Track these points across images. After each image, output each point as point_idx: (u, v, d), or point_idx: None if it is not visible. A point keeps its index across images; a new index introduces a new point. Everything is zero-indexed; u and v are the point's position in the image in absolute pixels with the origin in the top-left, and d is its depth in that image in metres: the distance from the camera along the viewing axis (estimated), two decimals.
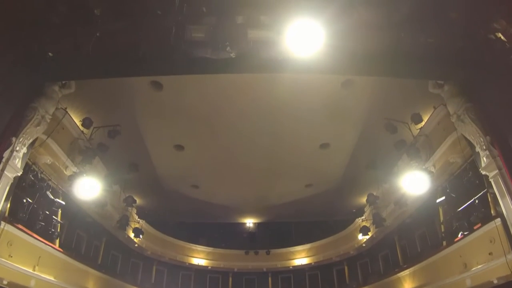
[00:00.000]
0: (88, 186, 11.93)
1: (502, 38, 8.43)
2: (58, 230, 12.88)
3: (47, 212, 12.17)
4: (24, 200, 10.83)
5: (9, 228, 9.51)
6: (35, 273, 10.70)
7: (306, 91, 11.67)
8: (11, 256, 9.61)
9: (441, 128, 11.81)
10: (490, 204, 10.11)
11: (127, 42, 8.41)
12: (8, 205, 9.24)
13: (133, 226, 18.31)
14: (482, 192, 10.39)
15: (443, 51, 8.49)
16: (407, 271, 15.32)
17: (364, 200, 18.24)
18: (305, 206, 21.07)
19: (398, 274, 16.05)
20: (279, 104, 12.33)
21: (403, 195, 14.71)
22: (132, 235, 18.43)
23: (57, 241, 12.98)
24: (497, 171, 8.60)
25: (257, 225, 24.85)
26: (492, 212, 9.95)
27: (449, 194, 11.86)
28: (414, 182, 11.76)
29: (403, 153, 13.65)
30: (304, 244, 23.30)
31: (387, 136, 13.22)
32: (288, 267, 23.18)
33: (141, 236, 18.70)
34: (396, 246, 17.85)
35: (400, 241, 17.77)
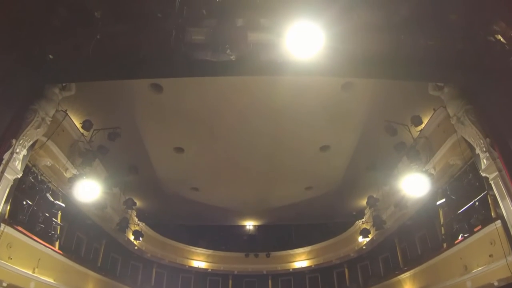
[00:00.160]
0: (88, 188, 11.92)
1: (502, 40, 8.42)
2: (58, 232, 12.94)
3: (47, 214, 12.18)
4: (24, 202, 10.84)
5: (9, 230, 9.50)
6: (35, 275, 10.68)
7: (306, 94, 11.70)
8: (11, 258, 9.60)
9: (441, 130, 11.80)
10: (490, 206, 10.09)
11: (128, 45, 8.41)
12: (8, 207, 9.28)
13: (133, 229, 18.26)
14: (482, 194, 10.37)
15: (443, 53, 8.48)
16: (408, 274, 15.28)
17: (364, 203, 18.24)
18: (305, 209, 21.10)
19: (399, 277, 16.01)
20: (279, 107, 12.36)
21: (403, 197, 14.70)
22: (132, 238, 18.38)
23: (57, 243, 12.96)
24: (497, 173, 8.59)
25: (257, 228, 24.86)
26: (493, 214, 9.93)
27: (449, 196, 11.81)
28: (414, 184, 11.75)
29: (403, 155, 13.63)
30: (304, 247, 23.18)
31: (387, 138, 13.24)
32: (288, 270, 23.07)
33: (141, 239, 18.65)
34: (397, 249, 17.83)
35: (401, 244, 17.76)
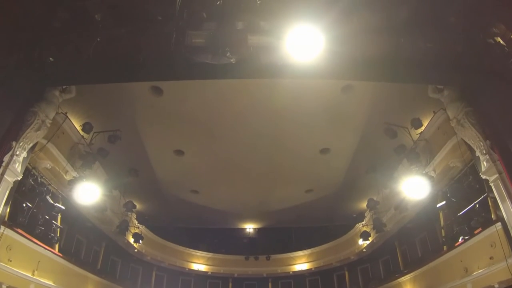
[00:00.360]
0: (88, 191, 11.92)
1: (502, 43, 8.46)
2: (58, 235, 12.92)
3: (47, 217, 12.17)
4: (24, 205, 10.84)
5: (9, 233, 9.50)
6: (35, 278, 10.65)
7: (306, 96, 11.71)
8: (11, 261, 9.58)
9: (441, 133, 11.81)
10: (491, 209, 10.08)
11: (128, 47, 8.44)
12: (8, 210, 9.26)
13: (133, 231, 18.25)
14: (483, 197, 10.37)
15: (443, 56, 8.51)
16: (408, 276, 15.26)
17: (365, 205, 18.22)
18: (305, 211, 21.06)
19: (399, 279, 15.99)
20: (279, 109, 12.36)
21: (403, 200, 14.68)
22: (132, 240, 18.37)
23: (57, 246, 12.93)
24: (497, 175, 8.59)
25: (257, 231, 24.80)
26: (493, 216, 9.92)
27: (450, 199, 11.82)
28: (414, 187, 11.74)
29: (403, 158, 13.63)
30: (305, 250, 23.13)
31: (387, 141, 13.25)
32: (289, 273, 23.00)
33: (141, 241, 18.63)
34: (397, 251, 17.79)
35: (401, 246, 17.72)
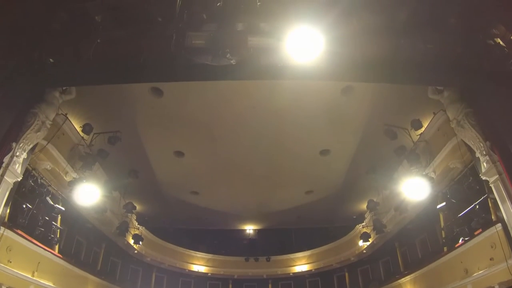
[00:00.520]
0: (88, 192, 11.93)
1: (501, 44, 8.46)
2: (58, 236, 12.91)
3: (47, 218, 12.16)
4: (24, 206, 10.80)
5: (9, 234, 9.50)
6: (34, 279, 10.65)
7: (306, 98, 11.71)
8: (10, 262, 9.59)
9: (441, 134, 11.81)
10: (491, 210, 10.09)
11: (128, 49, 8.43)
12: (8, 211, 9.27)
13: (133, 233, 18.24)
14: (483, 198, 10.36)
15: (443, 57, 8.50)
16: (408, 277, 15.26)
17: (365, 207, 18.21)
18: (306, 213, 21.06)
19: (399, 281, 15.99)
20: (279, 111, 12.37)
21: (404, 201, 14.68)
22: (132, 242, 18.35)
23: (57, 247, 12.94)
24: (498, 176, 8.60)
25: (257, 232, 24.79)
26: (493, 217, 9.92)
27: (450, 200, 11.80)
28: (415, 188, 11.75)
29: (403, 159, 13.64)
30: (305, 251, 23.12)
31: (387, 142, 13.24)
32: (289, 274, 22.98)
33: (141, 243, 18.61)
34: (397, 252, 17.79)
35: (401, 247, 17.71)
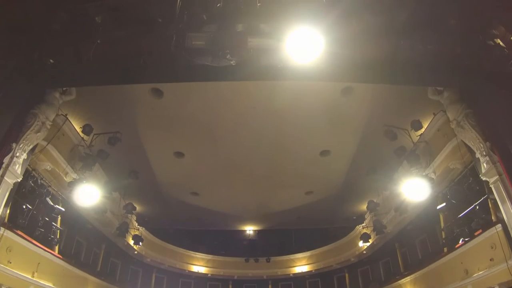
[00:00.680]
0: (88, 193, 11.92)
1: (501, 44, 8.44)
2: (58, 237, 12.92)
3: (47, 219, 12.17)
4: (24, 206, 10.82)
5: (9, 234, 9.51)
6: (34, 280, 10.65)
7: (306, 98, 11.71)
8: (10, 262, 9.59)
9: (441, 135, 11.82)
10: (491, 210, 10.09)
11: (128, 49, 8.42)
12: (8, 211, 9.29)
13: (133, 233, 18.25)
14: (483, 198, 10.37)
15: (442, 58, 8.50)
16: (408, 278, 15.25)
17: (365, 207, 18.22)
18: (306, 213, 21.06)
19: (399, 281, 15.98)
20: (280, 111, 12.37)
21: (404, 202, 14.69)
22: (132, 242, 18.37)
23: (57, 248, 12.95)
24: (498, 177, 8.61)
25: (257, 233, 24.81)
26: (493, 218, 9.93)
27: (450, 201, 11.80)
28: (415, 189, 11.75)
29: (403, 160, 13.63)
30: (305, 252, 23.15)
31: (387, 143, 13.23)
32: (289, 275, 23.02)
33: (141, 243, 18.65)
34: (397, 253, 17.80)
35: (401, 248, 17.72)
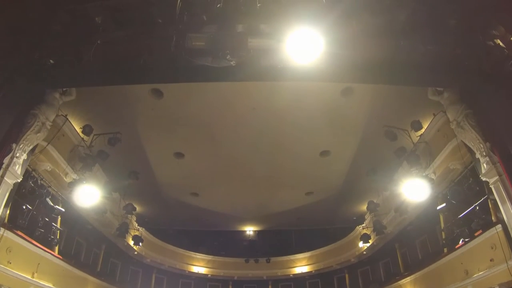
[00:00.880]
0: (88, 193, 11.92)
1: (501, 45, 8.43)
2: (58, 237, 12.92)
3: (47, 219, 12.17)
4: (24, 207, 10.83)
5: (8, 235, 9.51)
6: (34, 280, 10.65)
7: (306, 99, 11.73)
8: (10, 263, 9.58)
9: (441, 135, 11.82)
10: (491, 211, 10.09)
11: (128, 50, 8.42)
12: (8, 212, 9.31)
13: (133, 234, 18.24)
14: (483, 199, 10.37)
15: (442, 58, 8.49)
16: (408, 279, 15.24)
17: (365, 208, 18.20)
18: (306, 214, 21.08)
19: (399, 282, 15.97)
20: (280, 112, 12.38)
21: (404, 202, 14.68)
22: (132, 243, 18.36)
23: (56, 248, 12.95)
24: (498, 177, 8.63)
25: (257, 233, 24.78)
26: (493, 219, 9.93)
27: (450, 201, 11.78)
28: (415, 189, 11.74)
29: (403, 160, 13.61)
30: (305, 252, 23.11)
31: (387, 144, 13.23)
32: (289, 275, 23.00)
33: (141, 244, 18.63)
34: (397, 254, 17.78)
35: (401, 249, 17.71)
